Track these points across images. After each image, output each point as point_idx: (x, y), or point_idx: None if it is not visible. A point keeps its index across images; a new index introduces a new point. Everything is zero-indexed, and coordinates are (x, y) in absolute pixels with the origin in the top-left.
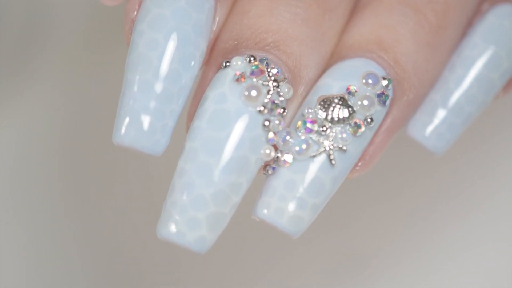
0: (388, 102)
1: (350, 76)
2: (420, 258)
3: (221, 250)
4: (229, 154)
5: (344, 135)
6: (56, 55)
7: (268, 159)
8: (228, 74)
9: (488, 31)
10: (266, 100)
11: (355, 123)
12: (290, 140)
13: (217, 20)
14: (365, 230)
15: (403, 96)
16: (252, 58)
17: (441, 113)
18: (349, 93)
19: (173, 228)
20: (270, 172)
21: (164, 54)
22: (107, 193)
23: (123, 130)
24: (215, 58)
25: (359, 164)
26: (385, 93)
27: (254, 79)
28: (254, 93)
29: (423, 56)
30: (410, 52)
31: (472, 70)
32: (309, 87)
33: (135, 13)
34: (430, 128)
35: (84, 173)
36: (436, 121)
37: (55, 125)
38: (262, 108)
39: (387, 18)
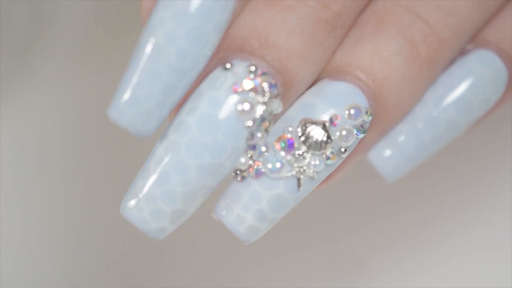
0: (363, 135)
1: (336, 103)
2: (419, 260)
3: (221, 250)
4: (210, 160)
5: (317, 162)
6: (57, 54)
7: (243, 168)
8: (228, 78)
9: (466, 76)
10: (257, 116)
11: (331, 152)
12: (266, 153)
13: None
14: (364, 232)
15: (378, 127)
16: (253, 68)
17: (403, 147)
18: (332, 122)
19: (138, 212)
20: (239, 179)
21: (181, 52)
22: (108, 193)
23: (121, 110)
24: (217, 51)
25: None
26: (364, 127)
27: (251, 94)
28: (247, 107)
29: (408, 91)
30: (397, 86)
31: (443, 112)
32: (297, 99)
33: None
34: (389, 158)
35: (85, 172)
36: (397, 152)
37: (55, 125)
38: (251, 123)
39: (383, 48)
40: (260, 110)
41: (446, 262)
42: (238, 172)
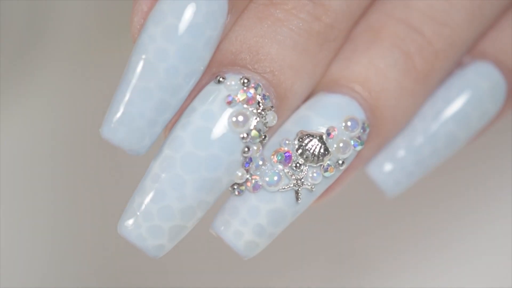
0: (361, 147)
1: (333, 116)
2: (421, 258)
3: (221, 249)
4: (206, 174)
5: (315, 175)
6: (57, 54)
7: (240, 181)
8: (221, 92)
9: (465, 89)
10: (251, 128)
11: (328, 165)
12: (263, 167)
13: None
14: (366, 230)
15: (376, 140)
16: (246, 81)
17: (403, 162)
18: (328, 134)
19: (135, 230)
20: (236, 193)
21: (172, 68)
22: (108, 192)
23: (114, 128)
24: (209, 66)
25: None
26: (361, 139)
27: (245, 106)
28: (241, 119)
29: (404, 103)
30: (393, 98)
31: (442, 125)
32: (292, 113)
33: (146, 8)
34: (389, 173)
35: (85, 172)
36: (397, 167)
37: (55, 126)
38: (245, 135)
39: (379, 60)
40: (254, 121)
41: (450, 265)
42: (235, 186)
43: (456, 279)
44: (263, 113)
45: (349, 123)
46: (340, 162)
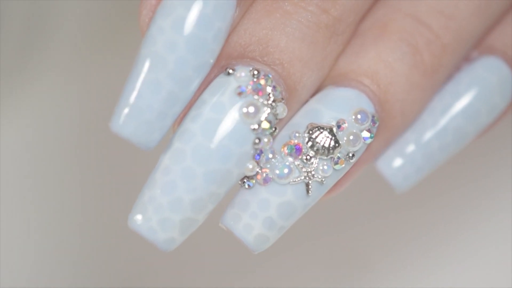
0: (371, 140)
1: (342, 109)
2: (422, 259)
3: (222, 249)
4: (216, 166)
5: (325, 167)
6: (57, 54)
7: (250, 174)
8: (231, 83)
9: (473, 83)
10: (262, 119)
11: (338, 157)
12: (273, 160)
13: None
14: (366, 230)
15: (385, 134)
16: (256, 72)
17: (412, 156)
18: (338, 126)
19: (146, 223)
20: (246, 187)
21: (181, 60)
22: (108, 192)
23: (123, 122)
24: (218, 59)
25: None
26: (371, 131)
27: (255, 97)
28: (252, 110)
29: (413, 98)
30: (401, 92)
31: (451, 120)
32: (301, 106)
33: (155, 1)
34: (399, 168)
35: (85, 172)
36: (406, 162)
37: (56, 126)
38: (256, 127)
39: (387, 54)
40: (265, 112)
41: (451, 265)
42: (245, 180)
43: (457, 280)
44: (273, 104)
45: (359, 116)
46: (351, 155)
